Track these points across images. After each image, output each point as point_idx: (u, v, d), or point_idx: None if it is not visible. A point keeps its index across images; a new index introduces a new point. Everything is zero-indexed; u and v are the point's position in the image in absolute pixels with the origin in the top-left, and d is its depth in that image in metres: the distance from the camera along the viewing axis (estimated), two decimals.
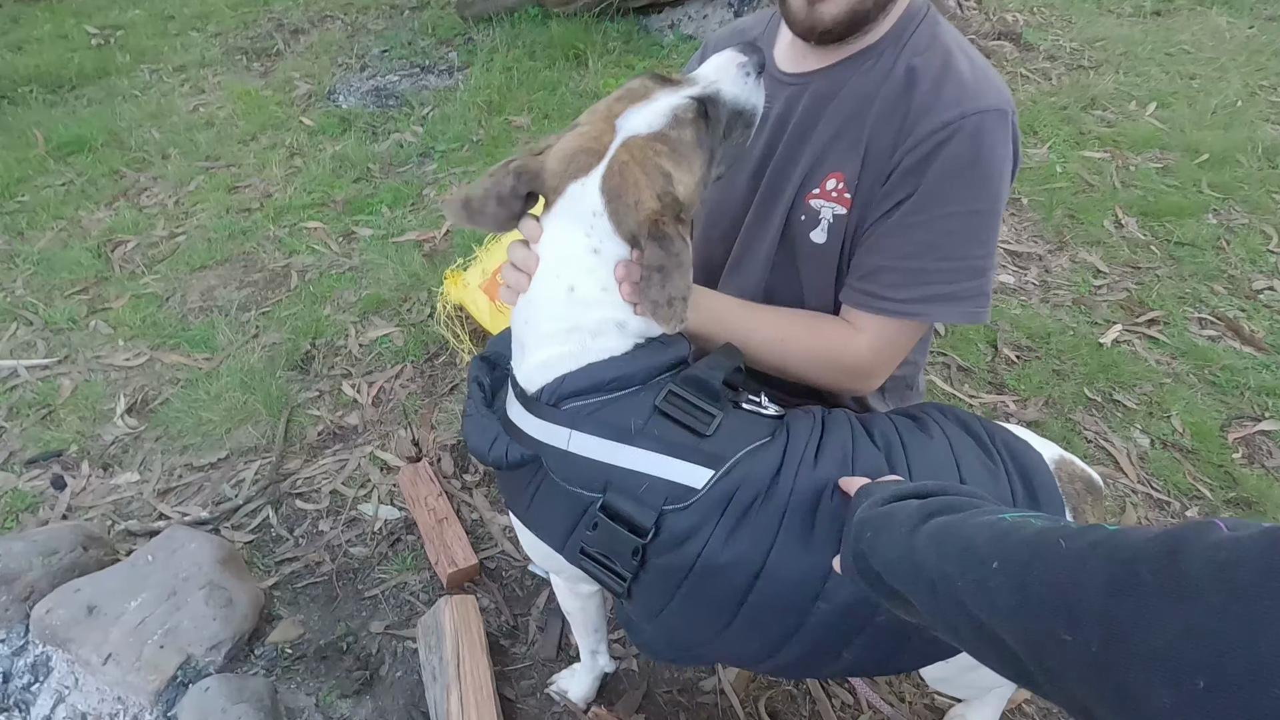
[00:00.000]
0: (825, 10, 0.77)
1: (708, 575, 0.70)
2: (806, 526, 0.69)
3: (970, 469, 0.73)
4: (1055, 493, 0.73)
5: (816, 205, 0.87)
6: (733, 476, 0.70)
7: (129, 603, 1.16)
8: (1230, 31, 3.67)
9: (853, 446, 0.73)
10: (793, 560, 0.68)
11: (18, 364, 1.86)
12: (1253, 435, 1.66)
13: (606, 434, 0.71)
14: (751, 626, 0.72)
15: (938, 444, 0.75)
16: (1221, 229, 2.30)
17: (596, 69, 3.21)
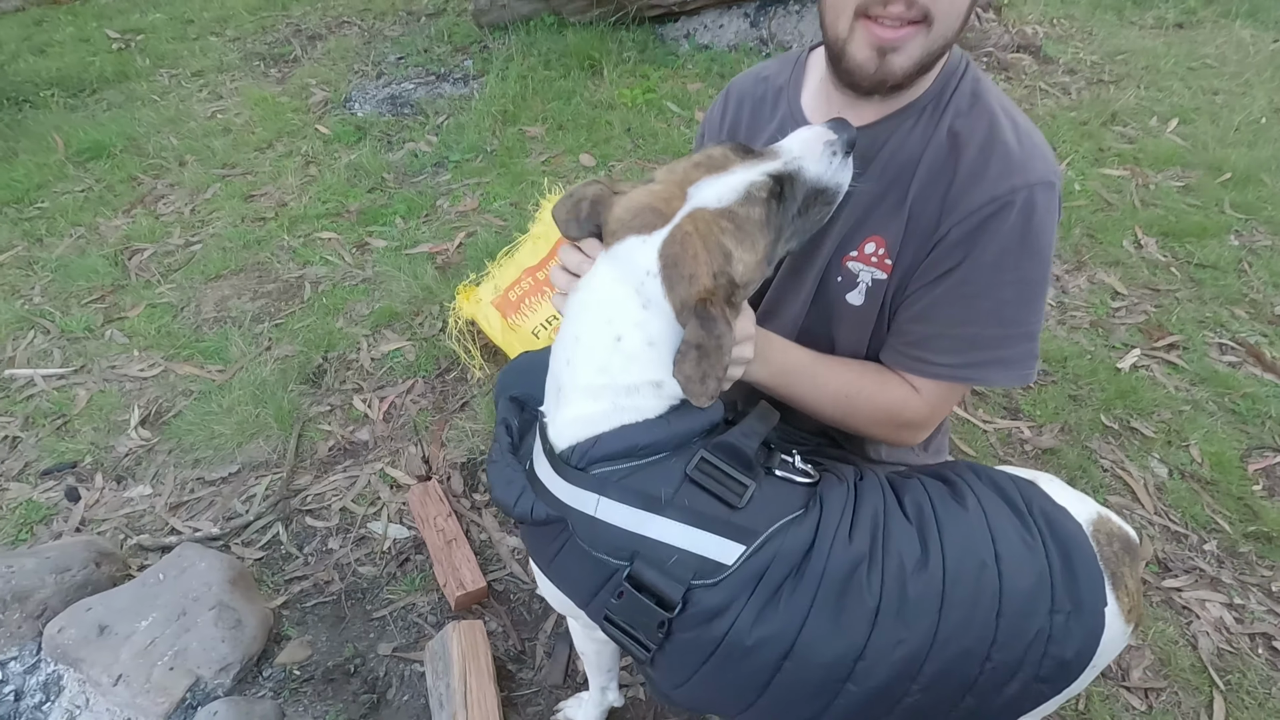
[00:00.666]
0: (897, 62, 0.74)
1: (735, 654, 0.69)
2: (839, 606, 0.67)
3: (1007, 542, 0.71)
4: (1094, 565, 0.71)
5: (855, 268, 0.87)
6: (764, 552, 0.68)
7: (139, 622, 1.16)
8: (1255, 45, 3.62)
9: (884, 519, 0.72)
10: (824, 642, 0.67)
11: (35, 373, 1.88)
12: (1274, 466, 1.63)
13: (635, 503, 0.69)
14: (777, 705, 0.70)
15: (973, 515, 0.73)
16: (1244, 251, 2.27)
17: (612, 78, 3.21)
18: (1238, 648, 1.32)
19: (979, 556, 0.69)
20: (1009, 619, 0.67)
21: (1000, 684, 0.67)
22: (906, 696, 0.67)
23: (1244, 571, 1.44)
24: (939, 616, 0.66)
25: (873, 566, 0.68)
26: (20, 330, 2.02)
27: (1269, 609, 1.38)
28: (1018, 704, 0.70)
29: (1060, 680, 0.69)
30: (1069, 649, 0.68)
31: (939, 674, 0.67)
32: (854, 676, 0.67)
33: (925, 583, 0.67)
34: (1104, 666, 0.78)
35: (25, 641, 1.18)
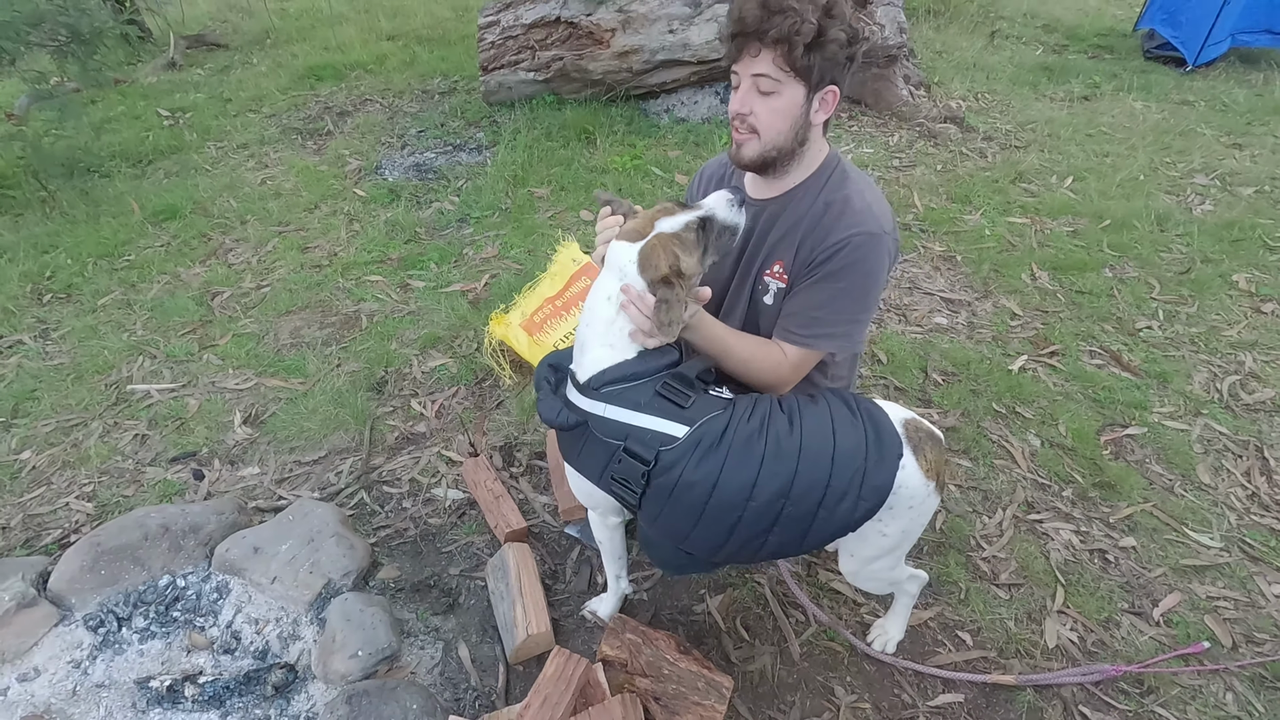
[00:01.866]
0: (744, 155, 1.31)
1: (684, 488, 1.17)
2: (742, 456, 1.16)
3: (841, 421, 1.21)
4: (894, 435, 1.20)
5: (768, 281, 1.40)
6: (699, 430, 1.17)
7: (281, 546, 1.61)
8: (1144, 115, 4.31)
9: (770, 412, 1.22)
10: (733, 476, 1.15)
11: (150, 388, 2.34)
12: (1121, 438, 2.15)
13: (627, 405, 1.20)
14: (713, 521, 1.18)
15: (821, 408, 1.23)
16: (1115, 280, 2.83)
17: (604, 147, 3.80)
18: (1079, 559, 1.80)
19: (824, 428, 1.19)
20: (840, 461, 1.15)
21: (838, 499, 1.15)
22: (784, 508, 1.15)
23: (1090, 510, 1.93)
24: (799, 459, 1.15)
25: (761, 435, 1.17)
26: (131, 356, 2.48)
27: (1105, 534, 1.87)
28: (852, 514, 1.17)
29: (875, 499, 1.17)
30: (877, 479, 1.17)
31: (800, 493, 1.15)
32: (753, 496, 1.15)
33: (791, 442, 1.16)
34: (923, 516, 1.25)
35: (199, 561, 1.61)
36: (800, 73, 1.21)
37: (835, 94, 1.28)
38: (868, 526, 1.22)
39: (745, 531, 1.18)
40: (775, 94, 1.24)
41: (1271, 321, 2.60)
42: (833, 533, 1.20)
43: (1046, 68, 5.01)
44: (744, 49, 1.22)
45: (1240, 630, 1.64)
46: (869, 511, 1.18)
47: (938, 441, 1.26)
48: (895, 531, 1.25)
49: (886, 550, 1.29)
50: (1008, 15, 6.08)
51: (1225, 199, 3.38)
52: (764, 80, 1.22)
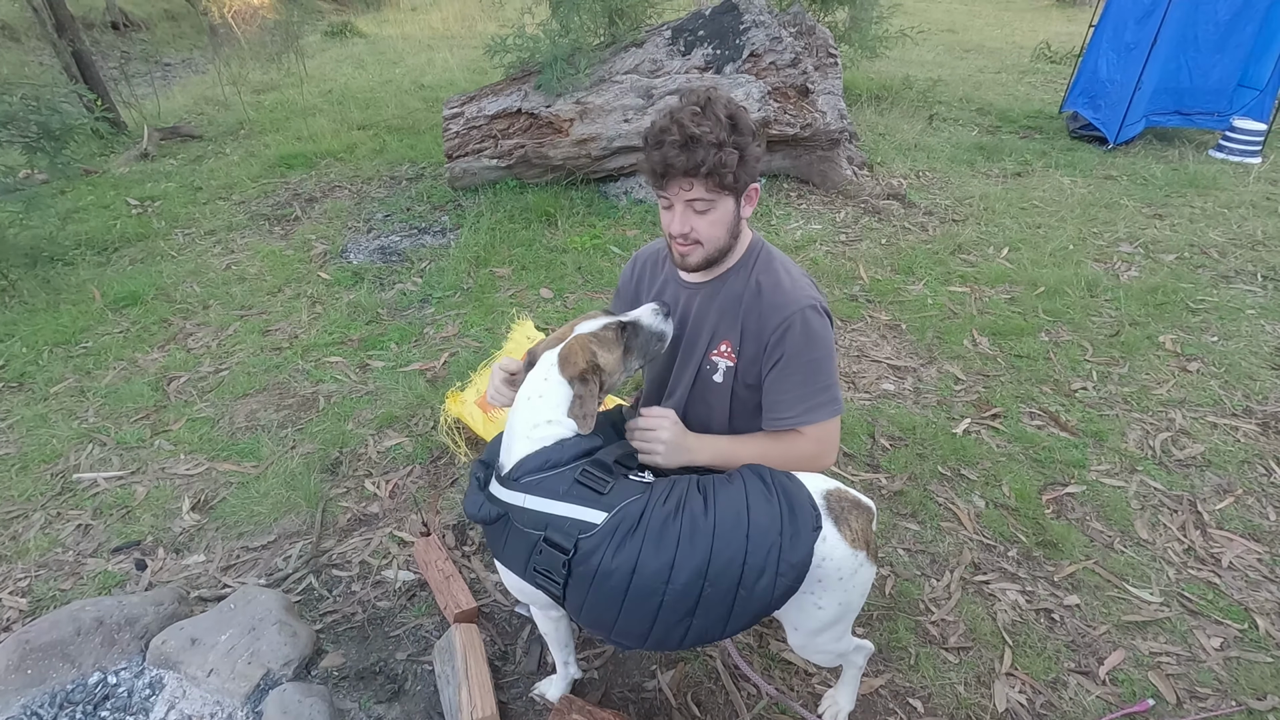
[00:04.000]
0: (690, 261, 1.39)
1: (604, 576, 1.17)
2: (658, 541, 1.17)
3: (755, 497, 1.22)
4: (809, 508, 1.21)
5: (716, 360, 1.48)
6: (617, 516, 1.19)
7: (221, 636, 1.57)
8: (1071, 189, 4.61)
9: (686, 494, 1.24)
10: (651, 560, 1.16)
11: (97, 476, 2.30)
12: (1061, 496, 2.21)
13: (546, 495, 1.21)
14: (635, 607, 1.18)
15: (736, 486, 1.26)
16: (1051, 344, 2.97)
17: (565, 228, 3.95)
18: (1025, 619, 1.83)
19: (738, 506, 1.21)
20: (755, 538, 1.17)
21: (756, 576, 1.16)
22: (704, 589, 1.15)
23: (1035, 569, 1.97)
24: (713, 539, 1.16)
25: (676, 516, 1.19)
26: (80, 443, 2.46)
27: (1050, 592, 1.90)
28: (771, 591, 1.16)
29: (794, 575, 1.17)
30: (794, 554, 1.17)
31: (718, 573, 1.15)
32: (671, 579, 1.15)
33: (707, 522, 1.18)
34: (859, 587, 1.26)
35: (133, 655, 1.56)
36: (729, 189, 1.31)
37: (757, 188, 1.38)
38: (803, 600, 1.24)
39: (669, 616, 1.17)
40: (710, 210, 1.33)
41: (1197, 379, 2.73)
42: (756, 612, 1.20)
43: (982, 147, 5.35)
44: (673, 182, 1.30)
45: (1183, 686, 1.66)
46: (789, 588, 1.18)
47: (865, 511, 1.30)
48: (831, 604, 1.26)
49: (828, 624, 1.30)
50: (945, 100, 6.52)
51: (1149, 265, 3.59)
52: (698, 203, 1.32)
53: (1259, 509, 2.16)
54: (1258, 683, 1.66)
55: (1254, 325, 3.08)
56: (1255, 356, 2.87)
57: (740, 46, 4.15)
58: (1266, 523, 2.11)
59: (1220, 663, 1.71)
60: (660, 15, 5.00)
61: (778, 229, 4.00)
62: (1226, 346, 2.94)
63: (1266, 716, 1.58)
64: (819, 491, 1.27)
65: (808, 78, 4.21)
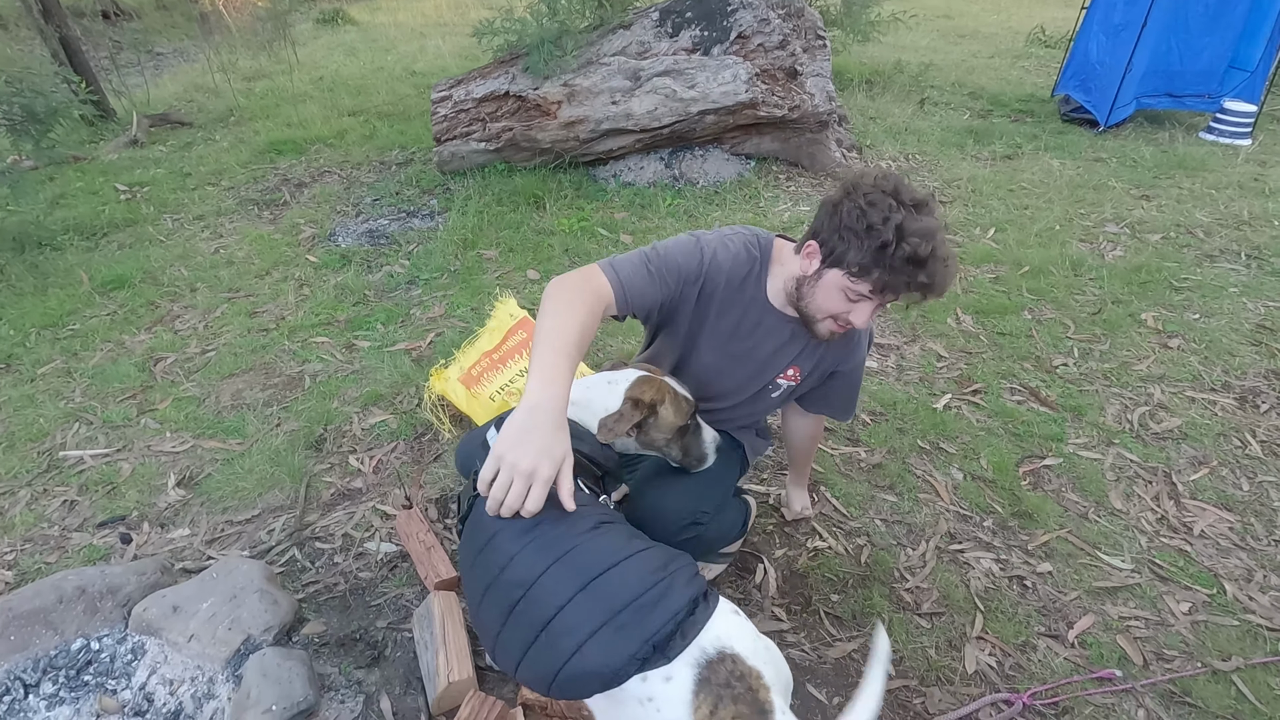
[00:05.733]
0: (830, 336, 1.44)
1: (478, 527, 1.12)
2: (530, 530, 1.06)
3: (640, 561, 1.04)
4: (669, 626, 0.97)
5: (780, 382, 1.57)
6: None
7: (202, 604, 1.59)
8: (1061, 172, 4.61)
9: (599, 515, 1.13)
10: (507, 540, 1.06)
11: (83, 454, 2.32)
12: (1038, 469, 2.23)
13: None
14: (472, 575, 1.12)
15: (640, 539, 1.12)
16: (1034, 322, 2.99)
17: (553, 211, 3.95)
18: (998, 586, 1.85)
19: (612, 551, 1.05)
20: (594, 589, 0.99)
21: (562, 631, 0.97)
22: (518, 601, 1.02)
23: (1010, 539, 2.00)
24: (562, 557, 1.03)
25: (563, 524, 1.07)
26: (67, 423, 2.47)
27: (1023, 560, 1.93)
28: (554, 663, 0.96)
29: (589, 676, 0.95)
30: (607, 652, 0.95)
31: (536, 592, 1.01)
32: (505, 567, 1.04)
33: (571, 540, 1.05)
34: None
35: (115, 622, 1.59)
36: None
37: None
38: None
39: (491, 603, 1.05)
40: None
41: (1178, 355, 2.76)
42: (541, 673, 0.99)
43: (972, 130, 5.35)
44: (904, 295, 1.30)
45: (1151, 649, 1.69)
46: (573, 680, 0.96)
47: (755, 706, 0.94)
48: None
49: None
50: (937, 85, 6.51)
51: (1134, 245, 3.61)
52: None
53: (1232, 480, 2.19)
54: (1224, 645, 1.69)
55: (1236, 303, 3.10)
56: (1236, 333, 2.89)
57: (728, 28, 4.14)
58: (1239, 493, 2.14)
59: (1188, 626, 1.74)
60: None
61: (766, 211, 4.01)
62: (1208, 324, 2.96)
63: (1230, 676, 1.61)
64: (712, 638, 0.97)
65: (796, 60, 4.21)
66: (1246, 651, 1.67)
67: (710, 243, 1.44)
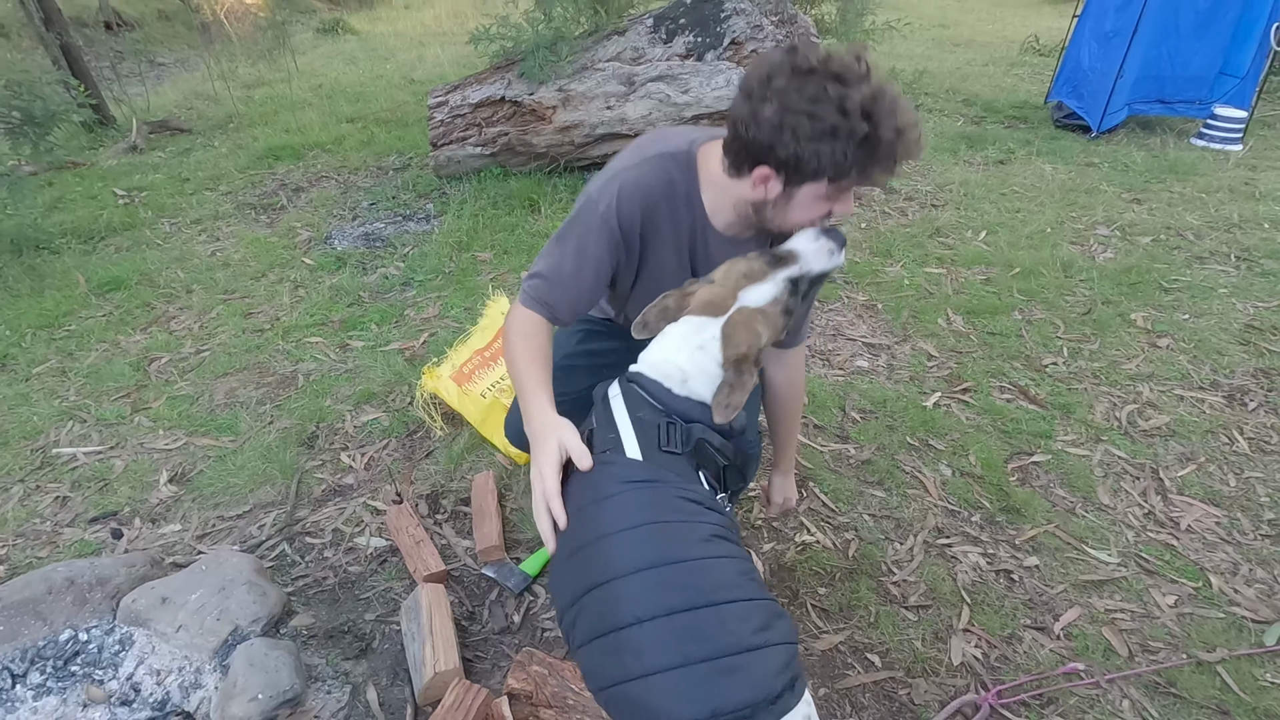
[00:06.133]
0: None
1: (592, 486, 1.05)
2: (631, 503, 1.01)
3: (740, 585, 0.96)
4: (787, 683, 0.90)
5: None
6: (651, 465, 1.06)
7: (191, 595, 1.60)
8: (1053, 176, 4.64)
9: (716, 532, 1.01)
10: (615, 514, 1.00)
11: (76, 451, 2.33)
12: (1026, 465, 2.24)
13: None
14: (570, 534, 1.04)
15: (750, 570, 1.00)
16: (1024, 322, 3.01)
17: (548, 213, 3.98)
18: (985, 579, 1.86)
19: (733, 572, 0.97)
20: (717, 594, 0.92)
21: (638, 639, 0.89)
22: (585, 593, 0.96)
23: (998, 533, 2.01)
24: (650, 547, 0.96)
25: (682, 523, 1.00)
26: (61, 421, 2.48)
27: (1011, 554, 1.93)
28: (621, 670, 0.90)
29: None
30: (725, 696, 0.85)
31: (599, 585, 0.95)
32: (601, 534, 0.99)
33: (687, 549, 0.97)
34: None
35: (104, 614, 1.59)
36: None
37: None
38: None
39: (564, 579, 1.02)
40: None
41: (1166, 355, 2.77)
42: (603, 674, 0.93)
43: (966, 136, 5.38)
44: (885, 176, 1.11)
45: (1136, 640, 1.70)
46: (629, 715, 0.90)
47: None
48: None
49: None
50: (931, 91, 6.56)
51: (1125, 247, 3.63)
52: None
53: (1220, 475, 2.20)
54: (1209, 636, 1.70)
55: (1225, 303, 3.12)
56: (1225, 333, 2.91)
57: (721, 34, 4.18)
58: (1226, 488, 2.15)
59: (1173, 619, 1.75)
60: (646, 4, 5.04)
61: None
62: (1197, 324, 2.97)
63: (1215, 667, 1.62)
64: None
65: None
66: (1231, 643, 1.68)
67: (609, 200, 1.23)
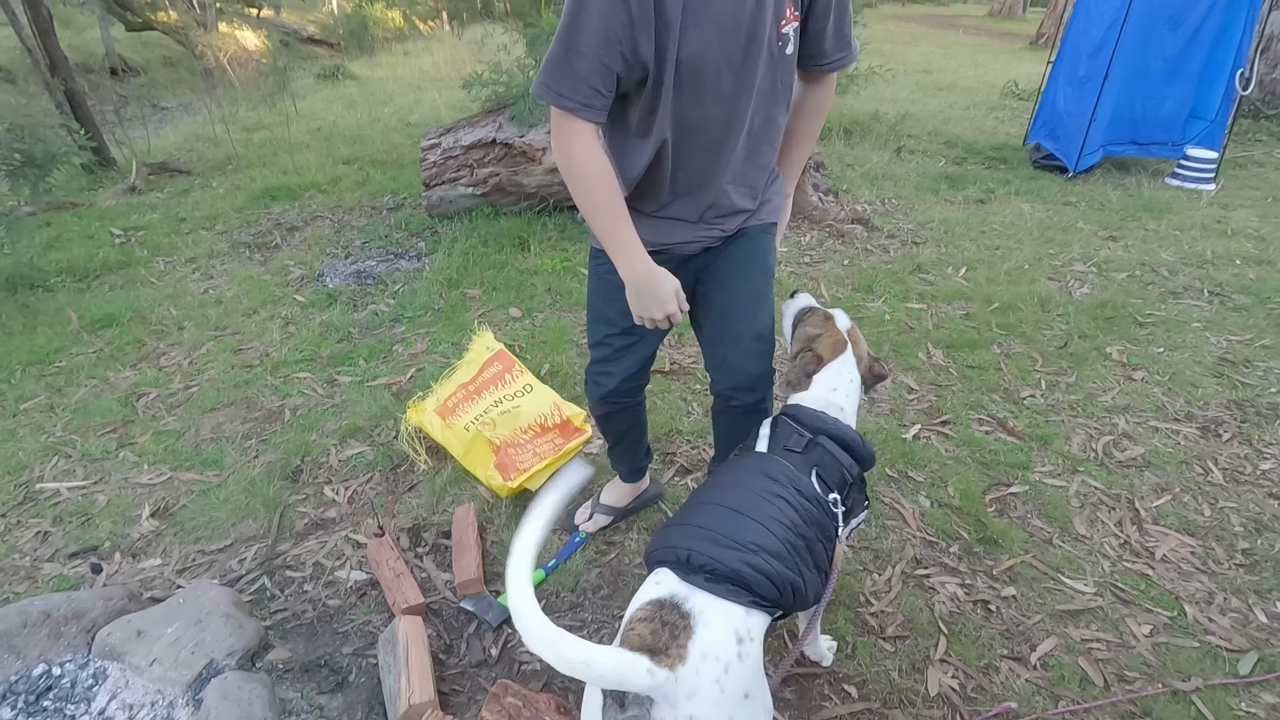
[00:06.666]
0: None
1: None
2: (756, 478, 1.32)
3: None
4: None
5: (785, 32, 1.31)
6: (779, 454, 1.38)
7: (167, 628, 1.60)
8: (1032, 215, 4.75)
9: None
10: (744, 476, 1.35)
11: (60, 485, 2.34)
12: (1004, 496, 2.27)
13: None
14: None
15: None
16: (1002, 355, 3.06)
17: (537, 251, 4.05)
18: (963, 609, 1.87)
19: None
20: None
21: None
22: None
23: (975, 564, 2.02)
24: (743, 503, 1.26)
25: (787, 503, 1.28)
26: (46, 456, 2.49)
27: (988, 585, 1.94)
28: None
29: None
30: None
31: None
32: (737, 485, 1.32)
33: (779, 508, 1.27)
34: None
35: (79, 647, 1.59)
36: None
37: None
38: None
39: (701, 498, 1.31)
40: None
41: (1141, 387, 2.82)
42: (722, 535, 1.17)
43: (948, 176, 5.53)
44: None
45: (1112, 670, 1.70)
46: (750, 569, 1.13)
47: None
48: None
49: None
50: (913, 134, 6.74)
51: (1101, 282, 3.71)
52: None
53: (1194, 505, 2.22)
54: (1184, 666, 1.70)
55: (1199, 337, 3.18)
56: (1199, 366, 2.96)
57: None
58: (1201, 518, 2.17)
59: (1149, 648, 1.76)
60: None
61: None
62: (1171, 357, 3.03)
63: (1190, 697, 1.62)
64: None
65: None
66: (1206, 672, 1.69)
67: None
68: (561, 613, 1.83)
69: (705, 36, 1.24)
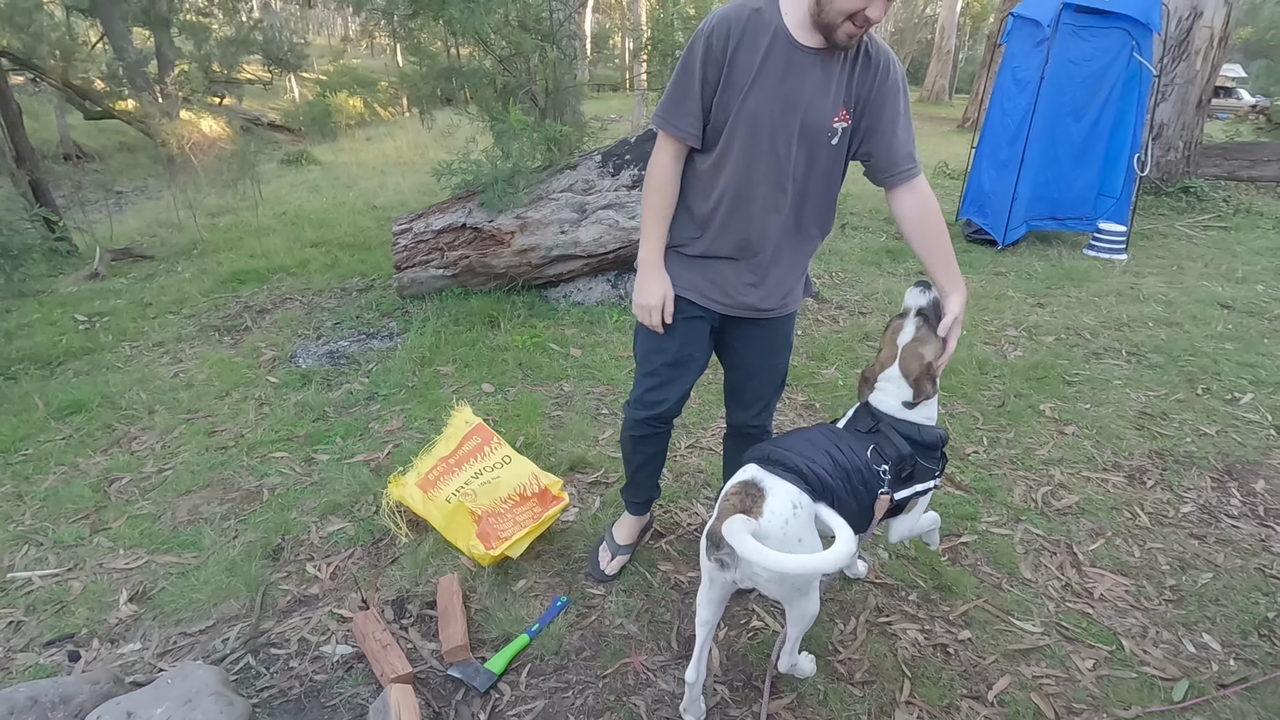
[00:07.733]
0: (855, 40, 1.56)
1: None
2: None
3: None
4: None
5: (835, 126, 1.65)
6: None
7: (157, 709, 1.62)
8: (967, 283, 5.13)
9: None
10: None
11: (31, 574, 2.32)
12: (956, 545, 2.44)
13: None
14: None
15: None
16: (947, 415, 3.29)
17: (507, 329, 4.21)
18: (923, 653, 2.00)
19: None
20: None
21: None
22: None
23: (933, 610, 2.16)
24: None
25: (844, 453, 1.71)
26: (16, 545, 2.47)
27: (946, 629, 2.08)
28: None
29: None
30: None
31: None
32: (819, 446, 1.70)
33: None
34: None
35: None
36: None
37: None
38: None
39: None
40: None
41: (1073, 440, 3.07)
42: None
43: (889, 250, 5.95)
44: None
45: (1061, 703, 1.84)
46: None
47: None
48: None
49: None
50: (856, 212, 7.25)
51: (1031, 346, 4.04)
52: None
53: (1126, 548, 2.42)
54: (1125, 696, 1.85)
55: (1120, 393, 3.48)
56: (1122, 419, 3.24)
57: None
58: (1132, 559, 2.37)
59: (1093, 681, 1.90)
60: (595, 142, 5.57)
61: None
62: (1098, 412, 3.31)
63: None
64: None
65: None
66: (1144, 700, 1.84)
67: (709, 22, 1.61)
68: (546, 675, 1.89)
69: (768, 101, 1.60)
